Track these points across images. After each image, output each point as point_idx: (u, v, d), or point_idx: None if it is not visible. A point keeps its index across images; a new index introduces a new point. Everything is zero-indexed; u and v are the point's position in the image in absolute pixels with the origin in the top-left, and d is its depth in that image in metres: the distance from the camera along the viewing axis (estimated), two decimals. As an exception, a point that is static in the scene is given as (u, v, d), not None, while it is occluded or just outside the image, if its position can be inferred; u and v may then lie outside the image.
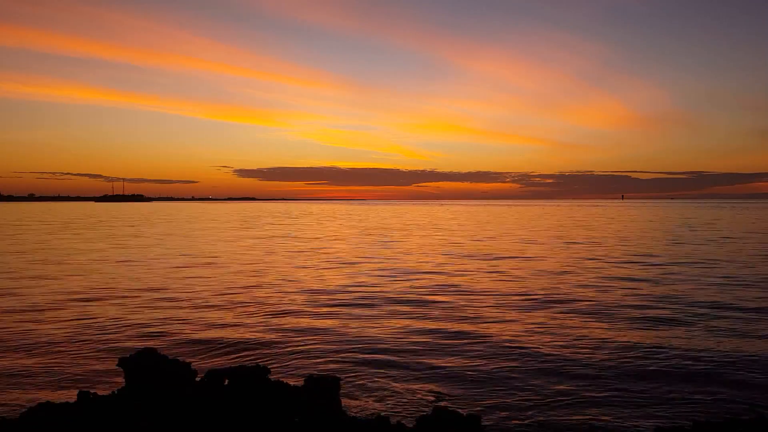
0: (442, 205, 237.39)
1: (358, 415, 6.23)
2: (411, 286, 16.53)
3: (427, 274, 19.34)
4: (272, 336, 10.57)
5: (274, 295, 15.13)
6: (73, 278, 18.41)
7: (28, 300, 14.38)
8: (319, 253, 27.01)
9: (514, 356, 9.19)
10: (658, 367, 8.55)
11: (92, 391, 5.33)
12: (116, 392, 5.39)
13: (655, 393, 7.51)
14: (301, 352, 9.53)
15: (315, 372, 7.96)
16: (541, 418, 6.67)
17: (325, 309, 13.19)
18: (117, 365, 5.58)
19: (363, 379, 8.08)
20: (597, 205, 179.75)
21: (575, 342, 10.04)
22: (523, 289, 15.83)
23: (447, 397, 7.35)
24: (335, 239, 36.78)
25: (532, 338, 10.34)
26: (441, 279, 18.08)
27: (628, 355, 9.16)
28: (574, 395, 7.41)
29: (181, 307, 13.34)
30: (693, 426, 4.87)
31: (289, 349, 9.70)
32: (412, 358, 9.10)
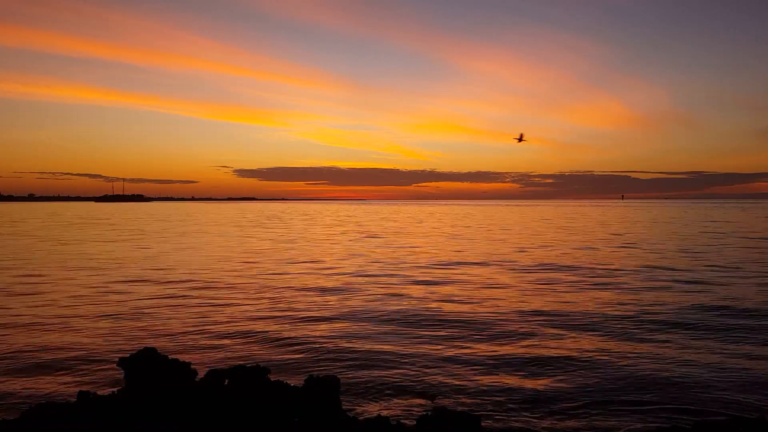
0: (445, 204, 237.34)
1: (358, 415, 6.22)
2: (419, 285, 16.54)
3: (441, 277, 19.33)
4: (273, 335, 10.57)
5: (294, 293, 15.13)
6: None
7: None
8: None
9: (513, 357, 9.19)
10: (657, 369, 8.56)
11: (92, 391, 5.33)
12: (116, 392, 5.39)
13: (655, 393, 7.51)
14: (302, 351, 9.54)
15: (315, 372, 7.95)
16: (541, 418, 6.66)
17: (331, 309, 13.20)
18: (117, 365, 5.58)
19: (363, 379, 8.08)
20: (596, 205, 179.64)
21: (574, 343, 10.04)
22: (522, 292, 15.83)
23: (447, 397, 7.34)
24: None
25: (530, 339, 10.34)
26: (452, 283, 18.07)
27: (625, 355, 9.17)
28: (574, 395, 7.40)
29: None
30: (693, 426, 4.87)
31: (292, 348, 9.71)
32: (412, 359, 9.09)
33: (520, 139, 27.70)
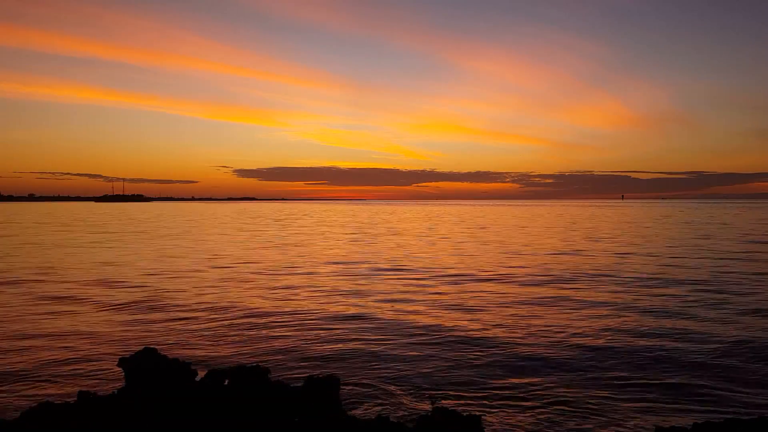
0: (440, 205, 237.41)
1: (358, 415, 6.23)
2: (420, 287, 16.54)
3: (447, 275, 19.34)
4: (274, 335, 10.57)
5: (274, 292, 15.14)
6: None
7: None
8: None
9: (513, 357, 9.20)
10: (657, 365, 8.57)
11: (92, 391, 5.33)
12: (116, 392, 5.39)
13: (654, 391, 7.52)
14: (303, 351, 9.54)
15: (315, 372, 7.95)
16: (541, 418, 6.67)
17: (330, 308, 13.20)
18: (117, 365, 5.58)
19: (363, 379, 8.08)
20: (595, 205, 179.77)
21: (573, 343, 10.05)
22: (522, 290, 15.84)
23: (447, 397, 7.34)
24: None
25: (529, 339, 10.34)
26: (456, 282, 18.08)
27: (623, 354, 9.17)
28: (573, 395, 7.41)
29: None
30: (693, 426, 4.87)
31: (295, 349, 9.72)
32: (412, 359, 9.10)
33: None
